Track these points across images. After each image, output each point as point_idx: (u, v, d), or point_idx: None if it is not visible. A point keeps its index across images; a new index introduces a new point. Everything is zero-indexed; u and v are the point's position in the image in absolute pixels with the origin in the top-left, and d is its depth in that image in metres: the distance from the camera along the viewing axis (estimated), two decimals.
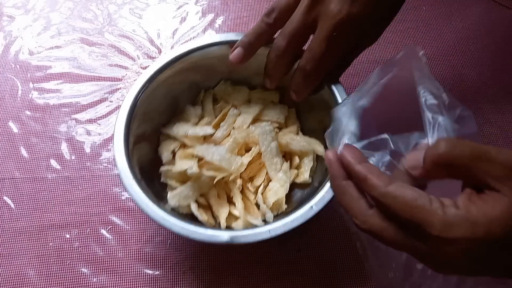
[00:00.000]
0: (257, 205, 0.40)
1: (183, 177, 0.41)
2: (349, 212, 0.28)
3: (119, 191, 0.47)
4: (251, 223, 0.39)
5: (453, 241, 0.23)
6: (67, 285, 0.42)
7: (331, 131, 0.32)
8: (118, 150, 0.37)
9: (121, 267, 0.43)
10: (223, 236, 0.33)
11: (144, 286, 0.42)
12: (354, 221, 0.27)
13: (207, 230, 0.34)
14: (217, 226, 0.40)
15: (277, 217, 0.39)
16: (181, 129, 0.43)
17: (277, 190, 0.40)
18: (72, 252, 0.44)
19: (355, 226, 0.28)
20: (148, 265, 0.43)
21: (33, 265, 0.43)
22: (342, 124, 0.32)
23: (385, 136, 0.30)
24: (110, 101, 0.53)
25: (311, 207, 0.35)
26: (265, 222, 0.39)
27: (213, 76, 0.46)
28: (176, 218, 0.34)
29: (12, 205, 0.46)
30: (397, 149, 0.29)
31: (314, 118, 0.44)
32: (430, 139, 0.28)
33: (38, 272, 0.43)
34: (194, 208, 0.39)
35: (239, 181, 0.40)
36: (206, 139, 0.43)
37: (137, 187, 0.35)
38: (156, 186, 0.41)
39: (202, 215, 0.39)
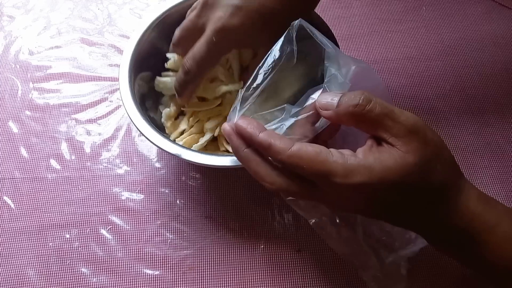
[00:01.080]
0: None
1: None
2: (257, 177, 0.29)
3: (119, 191, 0.47)
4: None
5: (354, 186, 0.26)
6: (67, 285, 0.42)
7: (233, 109, 0.33)
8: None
9: (121, 267, 0.43)
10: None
11: (144, 286, 0.42)
12: (264, 184, 0.29)
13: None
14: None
15: None
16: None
17: None
18: (72, 252, 0.44)
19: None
20: (148, 265, 0.43)
21: (33, 265, 0.43)
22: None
23: (284, 105, 0.31)
24: (110, 101, 0.53)
25: None
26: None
27: None
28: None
29: (12, 205, 0.46)
30: (296, 115, 0.31)
31: None
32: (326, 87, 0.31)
33: (38, 272, 0.43)
34: (165, 113, 0.45)
35: None
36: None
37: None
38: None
39: (167, 122, 0.45)
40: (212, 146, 0.45)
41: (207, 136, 0.44)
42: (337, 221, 0.38)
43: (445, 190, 0.28)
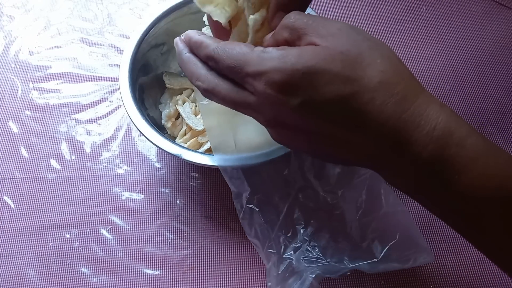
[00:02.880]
0: None
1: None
2: (193, 78, 0.29)
3: (119, 191, 0.47)
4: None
5: (264, 73, 0.24)
6: (67, 285, 0.42)
7: None
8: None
9: (121, 267, 0.43)
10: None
11: (144, 286, 0.42)
12: (198, 84, 0.29)
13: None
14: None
15: None
16: None
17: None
18: (72, 252, 0.44)
19: None
20: (148, 265, 0.43)
21: (33, 265, 0.43)
22: None
23: None
24: (110, 101, 0.53)
25: None
26: None
27: None
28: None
29: (12, 205, 0.46)
30: None
31: None
32: None
33: (38, 272, 0.43)
34: (164, 114, 0.47)
35: None
36: None
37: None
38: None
39: (167, 123, 0.47)
40: None
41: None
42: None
43: (390, 90, 0.23)
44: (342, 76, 0.23)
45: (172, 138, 0.47)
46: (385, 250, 0.38)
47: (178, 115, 0.48)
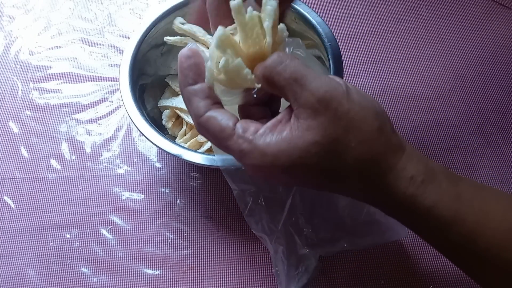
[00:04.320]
0: None
1: None
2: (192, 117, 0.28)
3: (119, 191, 0.47)
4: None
5: (250, 166, 0.26)
6: (67, 285, 0.42)
7: None
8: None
9: (121, 267, 0.43)
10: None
11: (144, 286, 0.42)
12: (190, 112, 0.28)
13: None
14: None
15: None
16: None
17: None
18: (72, 252, 0.44)
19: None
20: (148, 265, 0.43)
21: (33, 265, 0.43)
22: None
23: None
24: (111, 101, 0.53)
25: None
26: None
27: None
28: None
29: (12, 205, 0.46)
30: None
31: None
32: None
33: (38, 272, 0.43)
34: (165, 114, 0.47)
35: None
36: None
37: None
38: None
39: (168, 123, 0.47)
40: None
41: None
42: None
43: (367, 169, 0.25)
44: (318, 168, 0.25)
45: (173, 139, 0.47)
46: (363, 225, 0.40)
47: (178, 115, 0.48)
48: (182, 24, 0.35)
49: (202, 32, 0.34)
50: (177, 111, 0.47)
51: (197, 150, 0.43)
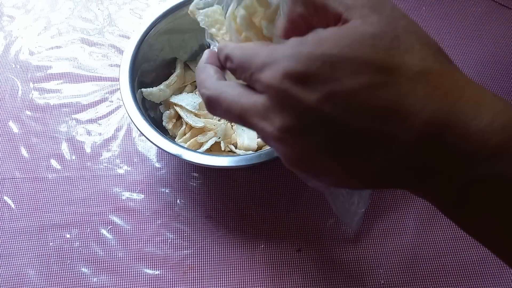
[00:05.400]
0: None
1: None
2: (200, 86, 0.25)
3: (119, 191, 0.47)
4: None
5: (274, 63, 0.20)
6: (67, 285, 0.42)
7: None
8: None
9: (121, 267, 0.43)
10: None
11: (144, 286, 0.42)
12: (202, 92, 0.24)
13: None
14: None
15: None
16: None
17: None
18: (72, 252, 0.44)
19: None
20: (148, 265, 0.43)
21: (33, 265, 0.43)
22: None
23: None
24: (111, 101, 0.53)
25: None
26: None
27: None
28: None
29: (12, 205, 0.46)
30: None
31: None
32: None
33: (38, 272, 0.43)
34: (165, 116, 0.47)
35: None
36: None
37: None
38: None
39: (168, 124, 0.47)
40: (215, 147, 0.45)
41: (211, 141, 0.44)
42: None
43: (434, 81, 0.19)
44: (372, 64, 0.19)
45: (173, 139, 0.47)
46: None
47: (179, 116, 0.48)
48: (199, 9, 0.31)
49: (221, 13, 0.31)
50: (177, 109, 0.47)
51: (197, 150, 0.43)
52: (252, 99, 0.21)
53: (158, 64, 0.49)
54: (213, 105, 0.23)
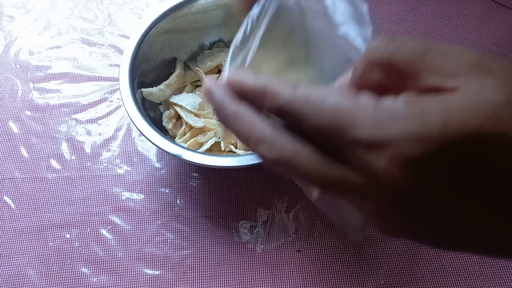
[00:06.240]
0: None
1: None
2: (249, 141, 0.19)
3: (119, 191, 0.47)
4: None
5: (390, 144, 0.15)
6: (67, 285, 0.42)
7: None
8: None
9: (121, 267, 0.43)
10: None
11: (144, 286, 0.42)
12: (262, 152, 0.19)
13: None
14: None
15: None
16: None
17: None
18: (72, 252, 0.44)
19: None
20: (148, 265, 0.43)
21: (33, 265, 0.43)
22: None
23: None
24: (110, 101, 0.53)
25: None
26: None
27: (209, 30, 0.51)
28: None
29: (12, 205, 0.46)
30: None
31: None
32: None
33: (38, 272, 0.43)
34: (165, 116, 0.48)
35: None
36: None
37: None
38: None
39: (168, 124, 0.47)
40: (215, 147, 0.45)
41: (211, 141, 0.44)
42: None
43: None
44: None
45: (173, 139, 0.47)
46: None
47: (179, 116, 0.48)
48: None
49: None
50: (177, 109, 0.47)
51: (197, 150, 0.43)
52: (342, 171, 0.17)
53: (158, 64, 0.49)
54: (281, 169, 0.19)
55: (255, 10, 0.24)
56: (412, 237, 0.19)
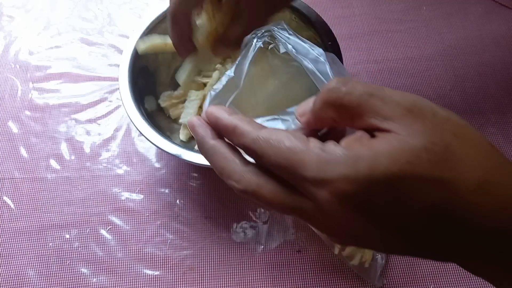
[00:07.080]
0: None
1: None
2: (223, 175, 0.23)
3: (118, 191, 0.47)
4: None
5: (330, 182, 0.19)
6: (67, 285, 0.42)
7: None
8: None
9: (121, 267, 0.43)
10: None
11: (144, 286, 0.42)
12: (232, 184, 0.23)
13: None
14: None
15: None
16: None
17: None
18: (72, 252, 0.44)
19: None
20: (148, 265, 0.43)
21: (33, 265, 0.43)
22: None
23: (274, 116, 0.27)
24: (110, 101, 0.53)
25: None
26: None
27: None
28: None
29: (12, 205, 0.46)
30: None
31: None
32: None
33: (38, 272, 0.43)
34: (164, 95, 0.48)
35: None
36: None
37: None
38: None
39: (165, 102, 0.48)
40: None
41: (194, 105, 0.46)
42: None
43: (495, 192, 0.19)
44: (432, 181, 0.18)
45: (171, 119, 0.48)
46: None
47: (180, 101, 0.48)
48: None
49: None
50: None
51: (197, 150, 0.43)
52: (297, 200, 0.21)
53: (158, 64, 0.49)
54: (249, 198, 0.23)
55: (231, 69, 0.28)
56: (361, 247, 0.23)
